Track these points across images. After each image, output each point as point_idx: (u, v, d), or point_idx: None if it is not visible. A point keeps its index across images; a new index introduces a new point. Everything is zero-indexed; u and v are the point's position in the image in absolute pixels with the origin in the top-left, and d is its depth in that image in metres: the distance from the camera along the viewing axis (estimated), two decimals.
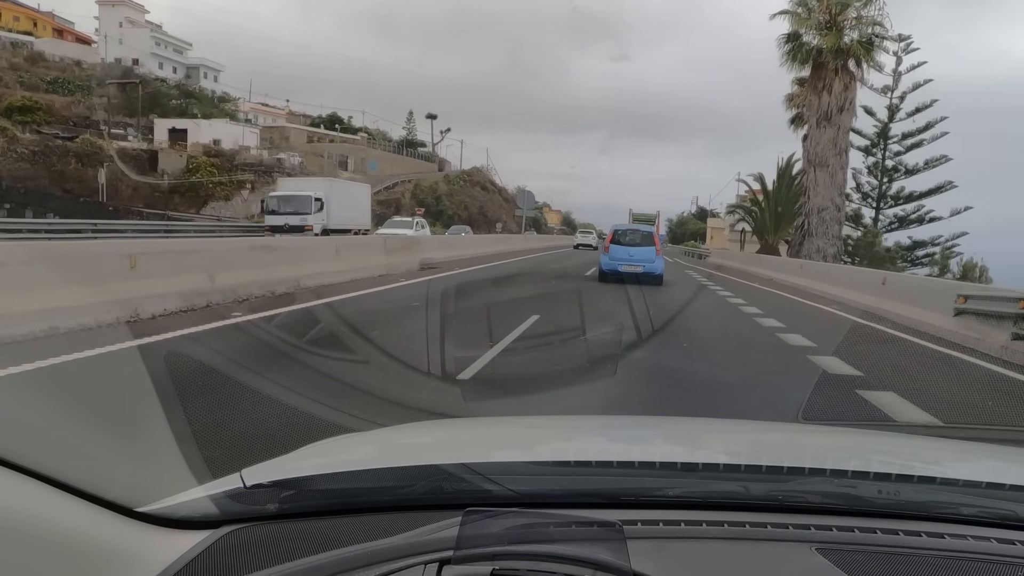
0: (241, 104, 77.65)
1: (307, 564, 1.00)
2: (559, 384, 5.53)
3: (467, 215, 67.27)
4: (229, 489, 1.19)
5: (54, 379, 4.81)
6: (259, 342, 7.13)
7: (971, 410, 6.02)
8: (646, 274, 17.05)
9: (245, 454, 2.93)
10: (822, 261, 25.90)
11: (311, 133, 71.26)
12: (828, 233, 27.86)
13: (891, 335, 10.64)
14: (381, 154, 73.06)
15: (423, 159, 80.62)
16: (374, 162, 68.50)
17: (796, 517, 1.15)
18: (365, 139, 76.73)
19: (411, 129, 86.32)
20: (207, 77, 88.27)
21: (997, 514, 1.18)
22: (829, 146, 27.71)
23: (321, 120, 78.01)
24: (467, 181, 73.71)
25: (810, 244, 27.94)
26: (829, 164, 27.78)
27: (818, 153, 28.00)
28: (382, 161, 70.54)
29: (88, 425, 2.59)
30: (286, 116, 79.93)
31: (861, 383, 6.41)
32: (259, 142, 61.61)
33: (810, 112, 28.06)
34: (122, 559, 1.00)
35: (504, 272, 18.32)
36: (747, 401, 5.54)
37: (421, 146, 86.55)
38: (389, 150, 76.38)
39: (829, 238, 27.89)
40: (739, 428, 2.27)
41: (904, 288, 13.44)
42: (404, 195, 60.85)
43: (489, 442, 1.71)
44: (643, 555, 1.00)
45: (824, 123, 27.59)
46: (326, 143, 68.65)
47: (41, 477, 0.97)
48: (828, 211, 27.92)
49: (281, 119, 77.49)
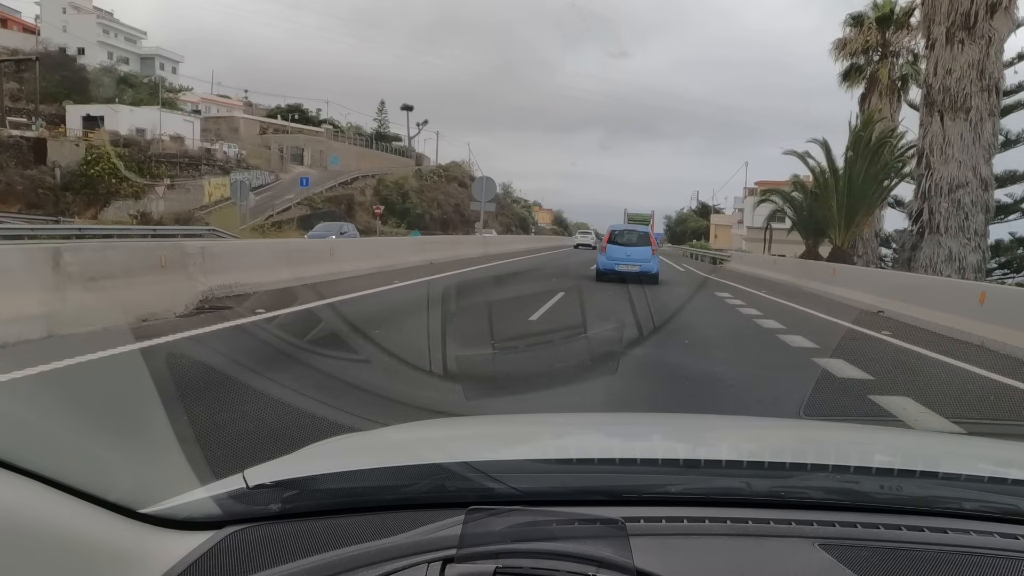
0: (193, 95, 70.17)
1: (310, 564, 1.00)
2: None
3: (440, 214, 59.62)
4: (232, 490, 1.18)
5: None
6: None
7: None
8: (642, 273, 17.13)
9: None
10: (958, 274, 16.24)
11: (265, 124, 63.50)
12: (967, 227, 17.09)
13: None
14: (346, 147, 65.71)
15: (398, 154, 72.98)
16: (336, 156, 61.09)
17: (799, 513, 1.15)
18: (330, 131, 69.25)
19: (383, 121, 78.56)
20: (163, 68, 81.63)
21: (1000, 508, 1.18)
22: (971, 77, 16.44)
23: (279, 111, 70.26)
24: (442, 176, 65.96)
25: (934, 247, 17.32)
26: (970, 108, 16.65)
27: (949, 90, 16.71)
28: (347, 155, 63.29)
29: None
30: (242, 107, 72.32)
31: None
32: (199, 133, 53.96)
33: (932, 19, 17.09)
34: (125, 561, 1.01)
35: (373, 314, 9.12)
36: None
37: (396, 140, 78.97)
38: (360, 144, 68.84)
39: (968, 235, 17.22)
40: (741, 424, 2.31)
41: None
42: (364, 191, 53.15)
43: (491, 440, 1.73)
44: (646, 552, 1.00)
45: (962, 35, 16.20)
46: (282, 135, 61.02)
47: (43, 479, 0.98)
48: (967, 189, 16.95)
49: (238, 111, 69.87)
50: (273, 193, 46.65)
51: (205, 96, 71.47)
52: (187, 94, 70.85)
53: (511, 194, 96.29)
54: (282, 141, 58.02)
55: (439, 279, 14.86)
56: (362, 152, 66.42)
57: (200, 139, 53.13)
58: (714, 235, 73.07)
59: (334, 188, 49.98)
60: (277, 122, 65.13)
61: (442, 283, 14.18)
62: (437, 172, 66.33)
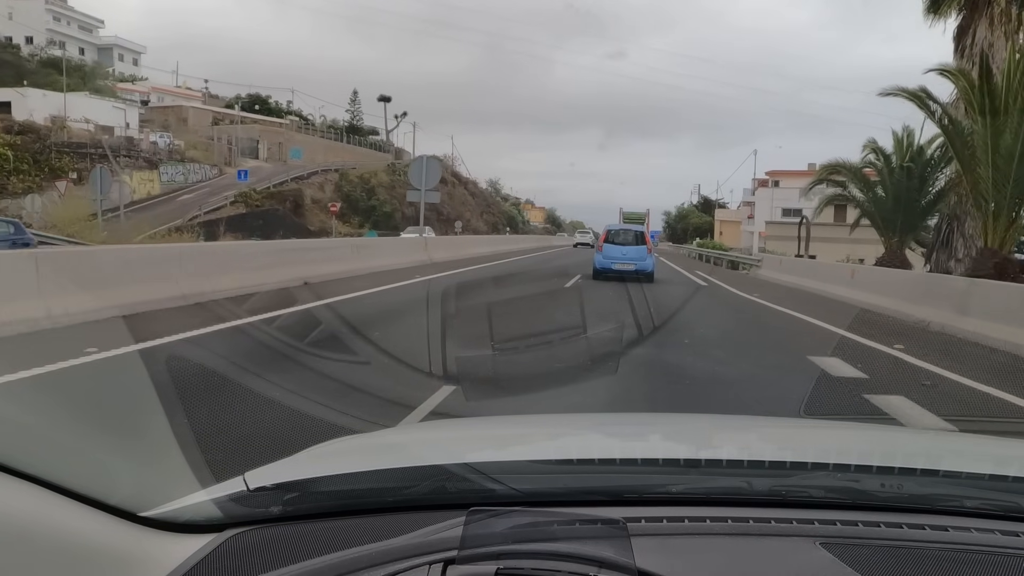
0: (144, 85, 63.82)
1: (311, 566, 1.00)
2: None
3: (413, 212, 53.12)
4: (232, 492, 1.17)
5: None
6: None
7: None
8: (638, 271, 16.84)
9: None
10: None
11: (220, 115, 56.99)
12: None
13: None
14: (313, 140, 59.25)
15: (375, 148, 66.62)
16: (298, 149, 54.71)
17: (799, 512, 1.15)
18: (296, 124, 62.91)
19: (355, 112, 71.99)
20: (123, 59, 75.60)
21: (1001, 506, 1.18)
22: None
23: (239, 101, 63.79)
24: None
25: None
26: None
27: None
28: (314, 148, 56.86)
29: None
30: (202, 99, 65.95)
31: None
32: (138, 123, 47.62)
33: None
34: (126, 564, 1.01)
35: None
36: None
37: (373, 134, 72.56)
38: (331, 137, 62.45)
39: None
40: (741, 424, 2.29)
41: None
42: (324, 187, 46.63)
43: (492, 441, 1.73)
44: (647, 552, 0.99)
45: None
46: (240, 125, 54.54)
47: (44, 483, 0.97)
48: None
49: (196, 101, 63.47)
50: (211, 189, 40.20)
51: (158, 86, 64.98)
52: (141, 84, 64.60)
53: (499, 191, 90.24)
54: (234, 132, 51.49)
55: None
56: (332, 146, 60.05)
57: (139, 129, 46.80)
58: (719, 232, 66.79)
59: (286, 183, 43.47)
60: (233, 112, 58.60)
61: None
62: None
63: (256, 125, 55.25)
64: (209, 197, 38.15)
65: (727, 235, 63.18)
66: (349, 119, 71.33)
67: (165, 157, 40.23)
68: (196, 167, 42.38)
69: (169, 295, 8.69)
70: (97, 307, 7.47)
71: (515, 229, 74.41)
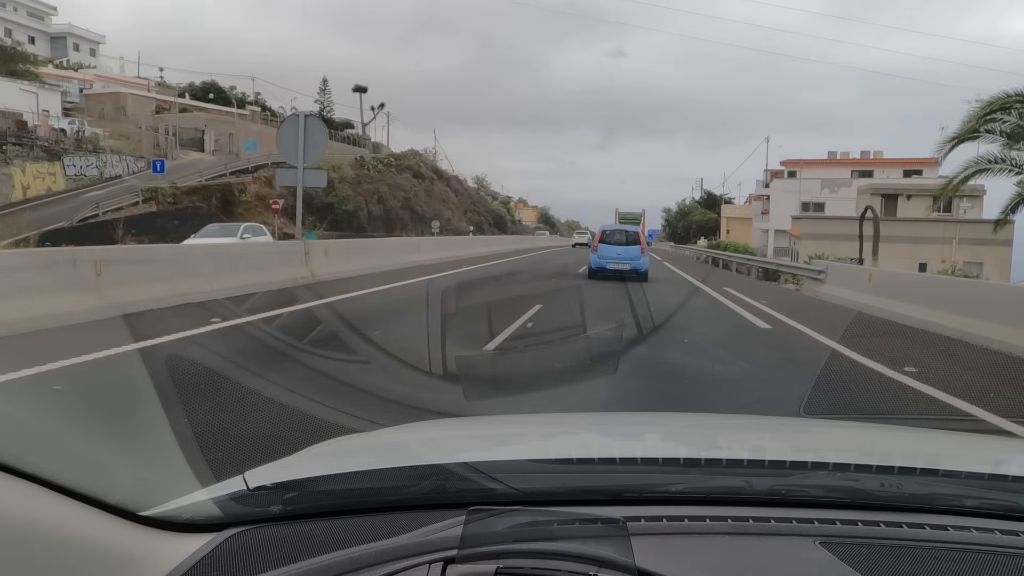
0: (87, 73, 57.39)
1: (312, 565, 1.00)
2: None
3: (382, 210, 46.90)
4: (232, 491, 1.17)
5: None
6: None
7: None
8: (633, 271, 17.12)
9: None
10: None
11: (164, 103, 50.50)
12: None
13: None
14: (271, 131, 52.86)
15: (349, 142, 60.24)
16: (254, 141, 48.81)
17: (799, 511, 1.14)
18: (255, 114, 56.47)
19: (325, 102, 65.63)
20: (79, 49, 69.42)
21: (1000, 505, 1.17)
22: None
23: (191, 89, 57.30)
24: (392, 165, 53.02)
25: None
26: None
27: None
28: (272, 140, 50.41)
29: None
30: (156, 88, 59.52)
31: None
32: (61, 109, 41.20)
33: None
34: (127, 563, 1.00)
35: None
36: None
37: (348, 127, 66.13)
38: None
39: None
40: (741, 423, 2.29)
41: None
42: (271, 182, 40.20)
43: (491, 441, 1.71)
44: (647, 551, 0.99)
45: None
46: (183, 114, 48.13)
47: (43, 482, 0.97)
48: None
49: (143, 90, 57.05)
50: (130, 184, 33.74)
51: (102, 75, 58.60)
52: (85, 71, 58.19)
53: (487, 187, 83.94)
54: (175, 122, 45.02)
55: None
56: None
57: (60, 116, 40.43)
58: (726, 230, 60.54)
59: (222, 176, 37.01)
60: (185, 101, 52.29)
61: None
62: (384, 160, 53.24)
63: (202, 114, 48.79)
64: (124, 193, 31.75)
65: (735, 233, 56.99)
66: (319, 110, 64.79)
67: (72, 147, 33.76)
68: (116, 159, 36.02)
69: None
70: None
71: (503, 229, 68.34)
